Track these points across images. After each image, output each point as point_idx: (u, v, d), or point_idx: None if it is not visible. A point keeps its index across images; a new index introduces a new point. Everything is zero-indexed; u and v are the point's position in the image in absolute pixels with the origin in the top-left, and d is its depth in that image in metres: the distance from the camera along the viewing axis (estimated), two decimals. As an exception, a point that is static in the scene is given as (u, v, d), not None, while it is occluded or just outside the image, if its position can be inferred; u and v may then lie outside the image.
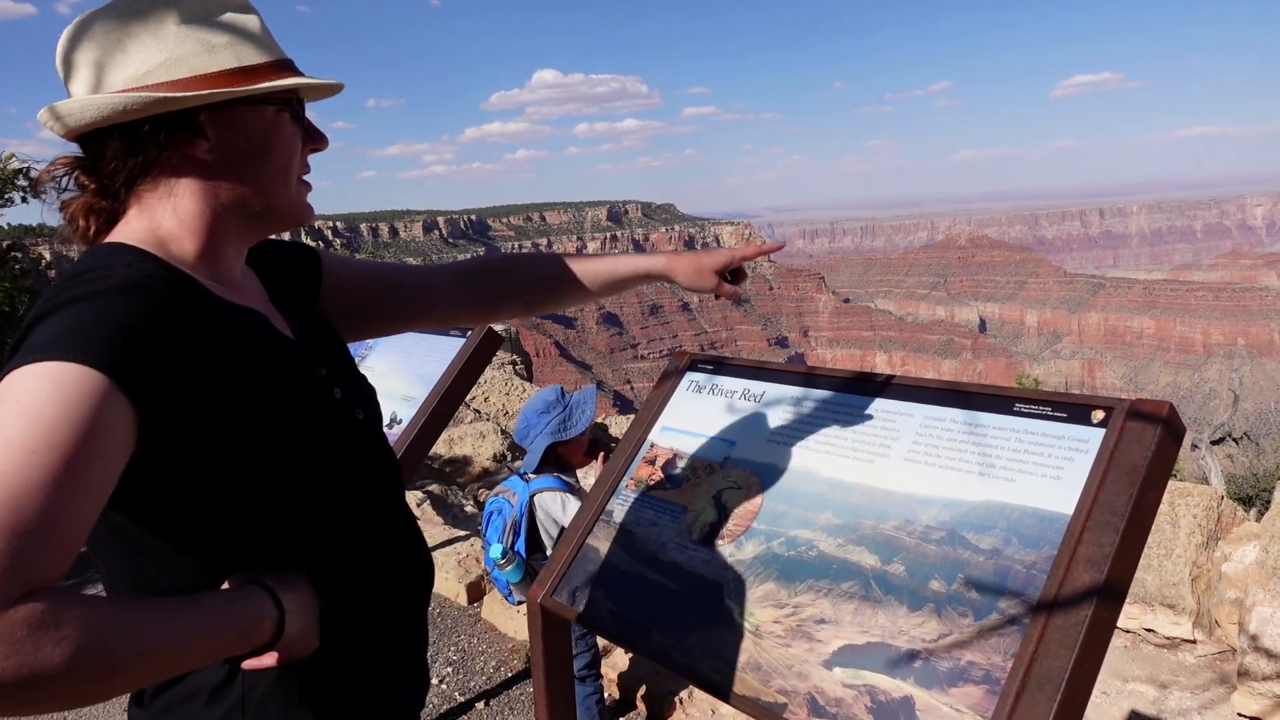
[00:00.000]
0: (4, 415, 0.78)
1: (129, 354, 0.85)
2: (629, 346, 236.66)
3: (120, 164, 1.02)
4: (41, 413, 0.78)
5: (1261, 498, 8.87)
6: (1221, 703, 3.70)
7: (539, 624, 1.88)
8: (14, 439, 0.76)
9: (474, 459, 7.72)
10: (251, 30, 1.07)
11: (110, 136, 1.01)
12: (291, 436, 1.04)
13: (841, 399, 1.70)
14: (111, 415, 0.82)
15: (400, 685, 1.22)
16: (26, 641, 0.71)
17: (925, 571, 1.36)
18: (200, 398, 0.93)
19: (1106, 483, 1.23)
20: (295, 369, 1.11)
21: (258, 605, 0.98)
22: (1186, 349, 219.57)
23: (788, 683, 1.41)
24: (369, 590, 1.18)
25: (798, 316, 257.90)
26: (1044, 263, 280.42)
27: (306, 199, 1.17)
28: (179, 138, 1.02)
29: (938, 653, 1.28)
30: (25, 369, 0.81)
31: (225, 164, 1.06)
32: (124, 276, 0.93)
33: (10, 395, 0.80)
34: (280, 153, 1.10)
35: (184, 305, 0.97)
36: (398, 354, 3.52)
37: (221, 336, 1.00)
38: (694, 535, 1.72)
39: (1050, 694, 1.13)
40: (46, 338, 0.84)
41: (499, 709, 3.53)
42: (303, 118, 1.14)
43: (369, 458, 1.21)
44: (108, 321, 0.87)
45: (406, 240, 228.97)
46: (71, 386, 0.80)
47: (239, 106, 1.05)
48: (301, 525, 1.08)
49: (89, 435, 0.80)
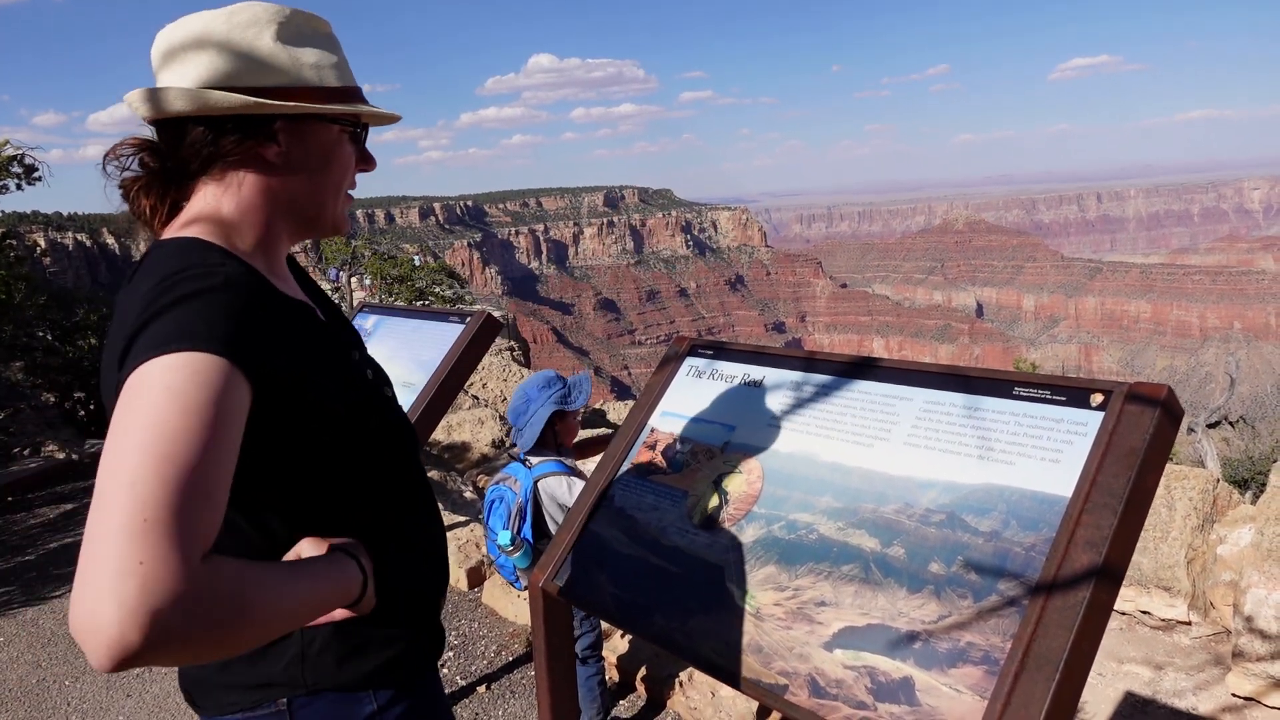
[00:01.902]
0: (159, 400, 0.88)
1: (243, 343, 0.96)
2: (626, 332, 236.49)
3: (196, 151, 1.13)
4: (192, 396, 0.88)
5: (1257, 480, 8.92)
6: (1216, 684, 3.74)
7: (541, 607, 1.90)
8: (173, 421, 0.86)
9: (472, 445, 7.74)
10: (335, 58, 1.21)
11: (193, 125, 1.12)
12: (343, 420, 1.15)
13: (841, 383, 1.71)
14: (238, 395, 0.93)
15: (424, 642, 1.33)
16: (219, 596, 0.83)
17: (925, 554, 1.38)
18: (285, 385, 1.04)
19: (1105, 465, 1.24)
20: (343, 358, 1.23)
21: (350, 569, 1.10)
22: (1183, 333, 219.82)
23: (789, 664, 1.42)
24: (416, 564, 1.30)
25: (795, 302, 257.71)
26: (1041, 247, 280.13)
27: (345, 212, 1.29)
28: (254, 138, 1.13)
29: (937, 634, 1.29)
30: (163, 359, 0.91)
31: (288, 169, 1.17)
32: (224, 275, 1.03)
33: (157, 383, 0.89)
34: (337, 168, 1.22)
35: (268, 301, 1.08)
36: (397, 340, 3.53)
37: (292, 331, 1.11)
38: (695, 519, 1.73)
39: (1049, 674, 1.14)
40: (175, 331, 0.94)
41: (500, 693, 3.55)
42: (361, 141, 1.27)
43: (399, 430, 1.32)
44: (222, 314, 0.97)
45: (403, 226, 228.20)
46: (208, 373, 0.91)
47: (311, 121, 1.18)
48: (352, 502, 1.19)
49: (227, 414, 0.91)
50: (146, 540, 0.80)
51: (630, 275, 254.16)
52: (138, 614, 0.77)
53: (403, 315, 3.81)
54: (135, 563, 0.79)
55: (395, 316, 3.80)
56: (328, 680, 1.19)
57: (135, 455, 0.84)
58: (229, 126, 1.12)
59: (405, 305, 12.72)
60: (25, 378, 9.74)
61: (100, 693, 3.73)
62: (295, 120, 1.16)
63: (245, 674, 1.18)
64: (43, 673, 3.93)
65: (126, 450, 0.85)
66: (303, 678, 1.18)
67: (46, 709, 3.65)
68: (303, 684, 1.18)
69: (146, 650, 0.78)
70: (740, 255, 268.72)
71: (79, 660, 3.99)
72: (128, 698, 3.68)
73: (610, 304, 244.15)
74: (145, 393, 0.89)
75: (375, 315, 3.88)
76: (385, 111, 1.27)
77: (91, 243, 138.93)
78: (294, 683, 1.18)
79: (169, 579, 0.79)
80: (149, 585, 0.78)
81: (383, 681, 1.24)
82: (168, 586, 0.79)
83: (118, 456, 0.85)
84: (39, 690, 3.79)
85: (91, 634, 0.78)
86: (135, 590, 0.78)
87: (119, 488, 0.83)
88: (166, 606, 0.79)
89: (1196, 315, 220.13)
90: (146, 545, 0.80)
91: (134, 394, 0.90)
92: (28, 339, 9.76)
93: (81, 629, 0.79)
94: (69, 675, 3.89)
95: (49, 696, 3.74)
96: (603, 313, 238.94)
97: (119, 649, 0.78)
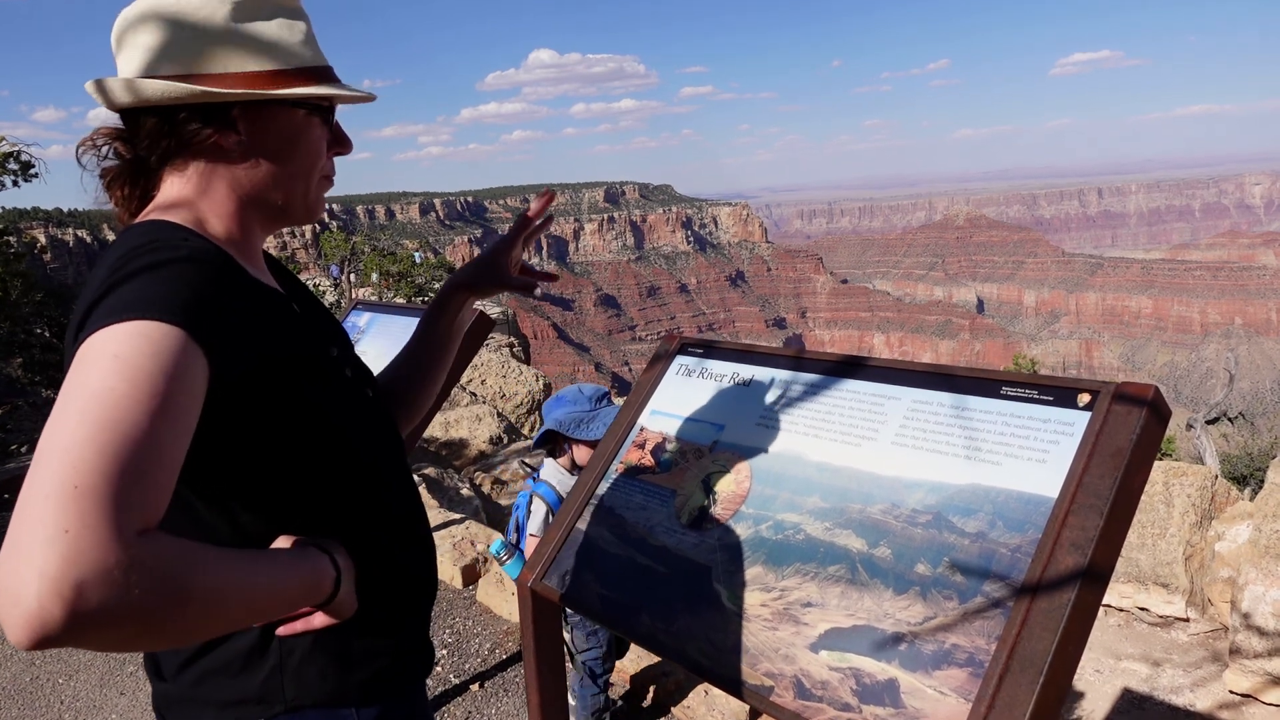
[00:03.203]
0: (105, 368, 0.83)
1: (203, 316, 0.92)
2: (627, 328, 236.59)
3: (154, 142, 1.09)
4: (140, 365, 0.83)
5: (1256, 477, 8.90)
6: (1214, 680, 3.73)
7: (529, 608, 1.89)
8: (117, 389, 0.81)
9: (470, 441, 7.73)
10: (296, 36, 1.13)
11: (147, 116, 1.08)
12: (315, 414, 1.10)
13: (830, 382, 1.70)
14: (194, 369, 0.88)
15: (411, 657, 1.27)
16: (153, 573, 0.77)
17: (911, 555, 1.36)
18: (248, 368, 0.99)
19: (1091, 466, 1.23)
20: (318, 352, 1.17)
21: (320, 563, 1.05)
22: (1184, 328, 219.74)
23: (774, 665, 1.41)
24: (396, 572, 1.24)
25: (795, 298, 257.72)
26: (1042, 242, 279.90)
27: (321, 198, 1.22)
28: (211, 126, 1.08)
29: (922, 635, 1.28)
30: (115, 327, 0.86)
31: (251, 157, 1.12)
32: (189, 249, 0.99)
33: (107, 350, 0.84)
34: (304, 154, 1.16)
35: (236, 281, 1.04)
36: (389, 339, 3.52)
37: (260, 316, 1.06)
38: (683, 519, 1.72)
39: (1033, 676, 1.13)
40: (130, 299, 0.89)
41: (494, 690, 3.55)
42: (331, 123, 1.20)
43: (380, 432, 1.27)
44: (182, 286, 0.93)
45: (403, 222, 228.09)
46: (161, 342, 0.86)
47: (271, 106, 1.11)
48: (325, 500, 1.14)
49: (179, 386, 0.85)
50: (75, 507, 0.74)
51: (631, 271, 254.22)
52: (59, 585, 0.71)
53: (395, 313, 3.79)
54: (60, 530, 0.72)
55: (388, 314, 3.79)
56: (308, 696, 1.12)
57: (74, 422, 0.79)
58: (182, 116, 1.07)
59: (405, 302, 12.71)
60: (23, 374, 9.74)
61: (94, 690, 3.72)
62: (253, 106, 1.10)
63: (220, 689, 1.11)
64: (36, 671, 3.92)
65: (67, 417, 0.80)
66: (281, 692, 1.11)
67: (40, 707, 3.64)
68: (281, 700, 1.11)
69: (69, 627, 0.72)
70: (741, 251, 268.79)
71: (73, 658, 3.99)
72: (121, 696, 3.67)
73: (611, 300, 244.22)
74: (94, 359, 0.84)
75: (369, 313, 3.87)
76: (353, 92, 1.18)
77: (92, 239, 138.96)
78: (272, 699, 1.11)
79: (96, 550, 0.73)
80: (73, 555, 0.72)
81: (368, 698, 1.17)
82: (94, 557, 0.73)
83: (55, 425, 0.80)
84: (32, 689, 3.79)
85: (9, 606, 0.71)
86: (57, 559, 0.71)
87: (52, 454, 0.77)
88: (91, 579, 0.72)
89: (1197, 310, 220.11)
90: (74, 513, 0.73)
91: (82, 362, 0.85)
92: (25, 335, 9.76)
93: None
94: (62, 674, 3.89)
95: (42, 695, 3.74)
96: (603, 308, 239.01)
97: (37, 623, 0.71)
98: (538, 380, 9.82)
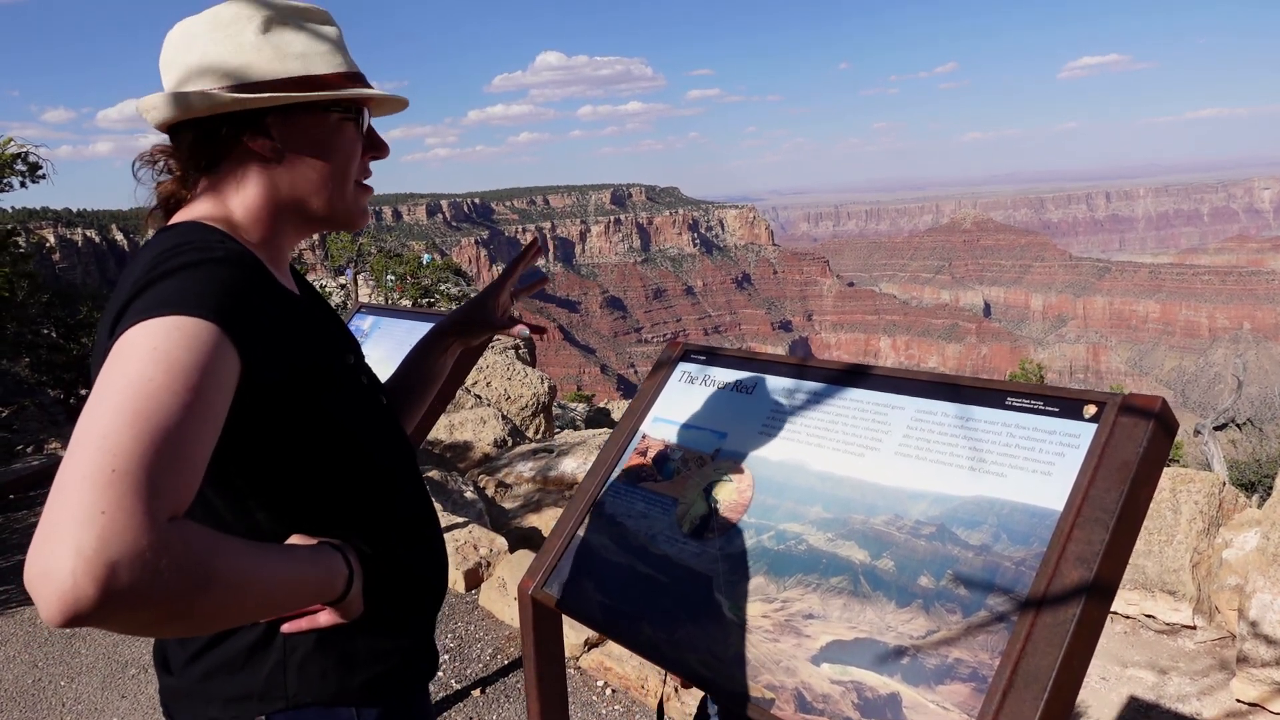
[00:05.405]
0: (144, 359, 0.86)
1: (237, 315, 0.96)
2: (633, 330, 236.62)
3: (193, 154, 1.14)
4: (177, 358, 0.87)
5: (1264, 484, 8.84)
6: (1221, 689, 3.70)
7: (530, 616, 1.88)
8: (155, 379, 0.85)
9: (475, 444, 7.72)
10: (326, 42, 1.19)
11: (186, 130, 1.13)
12: (334, 421, 1.13)
13: (833, 391, 1.68)
14: (228, 365, 0.92)
15: (415, 659, 1.28)
16: (183, 558, 0.80)
17: (914, 567, 1.35)
18: (276, 369, 1.03)
19: (1097, 479, 1.21)
20: (337, 359, 1.20)
21: (335, 561, 1.08)
22: (1192, 333, 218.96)
23: (775, 678, 1.40)
24: (408, 576, 1.26)
25: (802, 300, 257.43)
26: (1049, 246, 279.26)
27: (363, 204, 1.26)
28: (246, 134, 1.13)
29: (925, 649, 1.26)
30: (154, 321, 0.90)
31: (287, 163, 1.16)
32: (224, 250, 1.04)
33: (145, 343, 0.88)
34: (338, 157, 1.19)
35: (267, 286, 1.08)
36: (393, 341, 3.51)
37: (288, 321, 1.09)
38: (684, 528, 1.71)
39: (1037, 692, 1.11)
40: (168, 296, 0.93)
41: (495, 696, 3.53)
42: (364, 126, 1.23)
43: (393, 437, 1.30)
44: (218, 286, 0.97)
45: (410, 223, 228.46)
46: (198, 337, 0.90)
47: (303, 111, 1.15)
48: (340, 503, 1.16)
49: (213, 381, 0.89)
50: (112, 490, 0.77)
51: (637, 273, 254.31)
52: (94, 564, 0.74)
53: (399, 316, 3.79)
54: (98, 511, 0.76)
55: (392, 318, 3.79)
56: (310, 693, 1.15)
57: (111, 410, 0.82)
58: (219, 125, 1.12)
59: (411, 305, 12.69)
60: (29, 374, 9.77)
61: (95, 693, 3.72)
62: (285, 112, 1.14)
63: (225, 685, 1.14)
64: (39, 673, 3.93)
65: (104, 407, 0.83)
66: (284, 689, 1.14)
67: (42, 709, 3.64)
68: (283, 696, 1.14)
69: (101, 606, 0.74)
70: (747, 253, 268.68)
71: (75, 660, 3.99)
72: (122, 698, 3.67)
73: (617, 302, 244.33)
74: (130, 353, 0.88)
75: (372, 316, 3.86)
76: (383, 93, 1.23)
77: (100, 239, 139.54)
78: (274, 695, 1.14)
79: (131, 532, 0.76)
80: (109, 536, 0.75)
81: (369, 698, 1.19)
82: (129, 539, 0.76)
83: (93, 412, 0.83)
84: (34, 690, 3.79)
85: (44, 583, 0.74)
86: (94, 539, 0.74)
87: (90, 440, 0.80)
88: (125, 560, 0.75)
89: (1205, 315, 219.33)
90: (111, 495, 0.77)
91: (119, 355, 0.88)
92: (32, 336, 9.79)
93: (35, 578, 0.75)
94: (65, 675, 3.89)
95: (44, 697, 3.73)
96: (609, 310, 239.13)
97: (71, 601, 0.74)
98: (543, 383, 9.80)
